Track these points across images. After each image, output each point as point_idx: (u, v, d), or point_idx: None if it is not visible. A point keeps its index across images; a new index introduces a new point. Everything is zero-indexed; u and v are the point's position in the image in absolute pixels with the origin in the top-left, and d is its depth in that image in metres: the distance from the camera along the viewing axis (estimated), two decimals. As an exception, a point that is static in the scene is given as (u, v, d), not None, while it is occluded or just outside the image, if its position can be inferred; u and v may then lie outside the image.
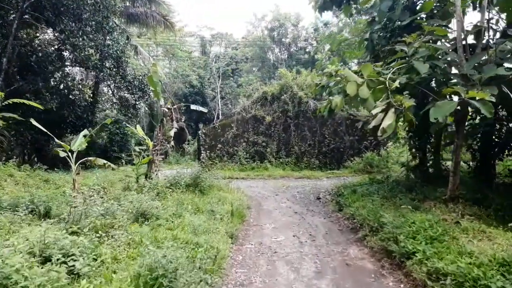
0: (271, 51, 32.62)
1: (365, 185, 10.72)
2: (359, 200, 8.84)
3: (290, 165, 18.10)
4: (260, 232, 7.41)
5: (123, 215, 6.59)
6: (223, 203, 8.89)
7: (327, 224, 8.00)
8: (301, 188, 13.26)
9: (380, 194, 8.90)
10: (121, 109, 18.67)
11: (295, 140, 18.58)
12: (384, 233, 5.88)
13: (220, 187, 10.79)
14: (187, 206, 8.47)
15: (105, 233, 5.30)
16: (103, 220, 5.72)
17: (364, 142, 17.73)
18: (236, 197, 9.87)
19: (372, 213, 7.15)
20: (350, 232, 7.29)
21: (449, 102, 5.83)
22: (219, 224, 6.93)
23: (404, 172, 10.23)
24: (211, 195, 9.70)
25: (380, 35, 9.31)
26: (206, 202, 8.82)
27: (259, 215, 8.98)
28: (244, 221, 8.15)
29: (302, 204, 10.38)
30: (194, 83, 29.13)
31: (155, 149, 11.46)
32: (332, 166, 17.90)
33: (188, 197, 9.30)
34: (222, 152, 18.71)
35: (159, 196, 9.59)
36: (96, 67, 16.56)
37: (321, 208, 9.73)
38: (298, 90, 18.86)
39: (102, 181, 10.83)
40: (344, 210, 8.78)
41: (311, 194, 11.83)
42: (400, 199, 8.06)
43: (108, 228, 5.56)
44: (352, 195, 9.56)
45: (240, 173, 17.20)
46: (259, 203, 10.61)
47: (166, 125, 11.72)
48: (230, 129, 18.81)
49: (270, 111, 18.97)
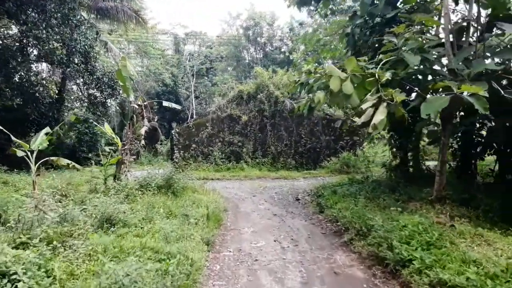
0: (247, 51, 32.03)
1: (345, 186, 10.32)
2: (341, 201, 8.40)
3: (267, 165, 17.57)
4: (238, 237, 6.78)
5: (85, 221, 5.80)
6: (198, 206, 8.20)
7: (309, 227, 7.48)
8: (278, 188, 12.73)
9: (362, 195, 8.49)
10: (89, 107, 17.48)
11: (272, 140, 18.07)
12: (373, 237, 5.40)
13: (194, 189, 10.06)
14: (158, 209, 7.74)
15: (61, 243, 4.50)
16: (60, 228, 4.91)
17: (340, 142, 17.47)
18: (211, 199, 9.18)
19: (357, 215, 6.69)
20: (334, 236, 6.79)
21: (441, 97, 5.43)
22: (194, 230, 6.24)
23: (385, 172, 9.90)
24: (185, 198, 8.98)
25: (362, 29, 8.92)
26: (179, 205, 8.10)
27: (237, 218, 8.35)
28: (221, 225, 7.48)
29: (281, 205, 9.84)
30: (167, 81, 28.05)
31: (124, 148, 10.58)
32: (308, 166, 17.51)
33: (159, 200, 8.54)
34: (196, 152, 17.92)
35: (128, 198, 8.81)
36: (62, 63, 15.39)
37: (301, 209, 9.22)
38: (275, 90, 18.37)
39: (66, 183, 9.86)
40: (325, 212, 8.30)
41: (290, 195, 11.32)
42: (384, 200, 7.68)
43: (65, 237, 4.75)
44: (333, 196, 9.11)
45: (216, 174, 16.49)
46: (236, 205, 9.97)
47: (136, 123, 10.86)
48: (205, 129, 18.05)
49: (246, 110, 18.37)
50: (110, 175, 10.90)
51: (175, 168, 16.61)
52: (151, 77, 28.80)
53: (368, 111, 5.50)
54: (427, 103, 5.46)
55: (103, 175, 10.73)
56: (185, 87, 29.98)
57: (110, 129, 11.32)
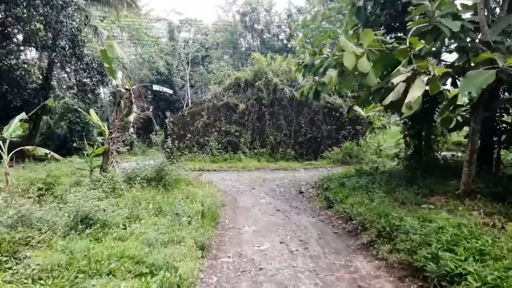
0: (243, 38, 30.66)
1: (353, 177, 9.30)
2: (352, 195, 7.39)
3: (265, 156, 16.52)
4: (238, 238, 5.75)
5: (55, 222, 4.76)
6: (192, 201, 7.16)
7: (318, 225, 6.47)
8: (279, 180, 11.72)
9: (376, 188, 7.49)
10: (77, 94, 16.24)
11: (270, 130, 17.00)
12: (402, 241, 4.40)
13: (188, 181, 9.01)
14: (147, 205, 6.70)
15: (11, 255, 3.45)
16: (14, 233, 3.85)
17: (342, 132, 16.43)
18: (207, 193, 8.14)
19: (376, 212, 5.69)
20: (349, 236, 5.79)
21: (484, 71, 4.38)
22: (186, 231, 5.21)
23: (398, 162, 8.89)
24: (178, 191, 7.94)
25: (375, 3, 7.82)
26: (171, 200, 7.07)
27: (236, 215, 7.32)
28: (218, 223, 6.44)
29: (284, 199, 8.83)
30: (161, 70, 26.72)
31: (111, 137, 9.47)
32: (309, 156, 16.49)
33: (149, 194, 7.51)
34: (192, 142, 16.82)
35: (114, 192, 7.77)
36: (47, 46, 14.12)
37: (306, 204, 8.21)
38: (273, 77, 17.24)
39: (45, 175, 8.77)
40: (335, 207, 7.28)
41: (292, 188, 10.30)
42: (402, 194, 6.68)
43: (18, 247, 3.69)
44: (342, 189, 8.10)
45: (212, 165, 15.44)
46: (235, 199, 8.95)
47: (124, 109, 9.72)
48: (200, 118, 16.92)
49: (244, 98, 17.25)
50: (96, 166, 9.85)
51: (169, 159, 15.59)
52: (145, 65, 27.45)
53: (399, 87, 4.43)
54: (467, 78, 4.42)
55: (89, 166, 9.69)
56: (180, 75, 28.67)
57: (96, 116, 10.20)
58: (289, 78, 17.48)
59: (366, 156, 15.33)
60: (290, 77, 17.47)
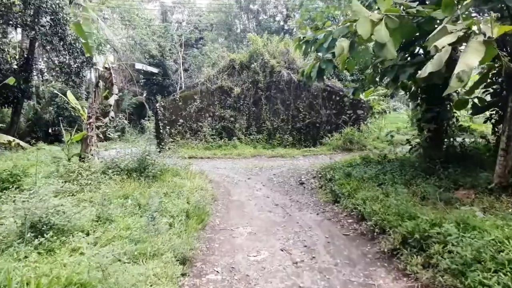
0: (238, 20, 29.00)
1: (359, 167, 8.23)
2: (361, 187, 6.32)
3: (262, 142, 15.39)
4: (230, 244, 4.67)
5: None
6: (178, 196, 6.06)
7: (325, 225, 5.40)
8: (277, 169, 10.63)
9: (388, 180, 6.43)
10: (60, 77, 14.88)
11: (267, 115, 15.82)
12: (440, 254, 3.33)
13: (176, 172, 7.87)
14: (124, 201, 5.62)
15: None
16: None
17: (342, 117, 15.27)
18: (196, 185, 7.04)
19: (396, 211, 4.62)
20: (363, 240, 4.73)
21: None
22: (166, 236, 4.12)
23: (413, 150, 7.79)
24: (163, 184, 6.83)
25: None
26: (153, 195, 5.95)
27: (229, 211, 6.23)
28: (207, 224, 5.33)
29: (283, 191, 7.76)
30: (153, 52, 25.20)
31: (89, 122, 8.29)
32: (307, 143, 15.38)
33: (129, 187, 6.41)
34: (184, 128, 15.62)
35: (90, 185, 6.68)
36: (25, 24, 12.74)
37: (309, 197, 7.14)
38: (270, 58, 15.94)
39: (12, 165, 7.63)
40: (342, 202, 6.21)
41: (291, 178, 9.22)
42: (421, 187, 5.62)
43: None
44: (348, 180, 7.03)
45: (205, 152, 14.31)
46: (228, 191, 7.86)
47: (104, 91, 8.51)
48: (193, 102, 15.68)
49: (239, 81, 16.00)
50: (74, 155, 8.71)
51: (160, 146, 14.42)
52: (136, 47, 25.91)
53: (442, 52, 3.27)
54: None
55: (66, 155, 8.56)
56: (173, 59, 27.16)
57: (74, 98, 9.01)
58: (287, 59, 16.21)
59: (367, 142, 14.30)
60: (288, 59, 16.20)
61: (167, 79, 26.53)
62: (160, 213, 5.08)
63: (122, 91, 24.43)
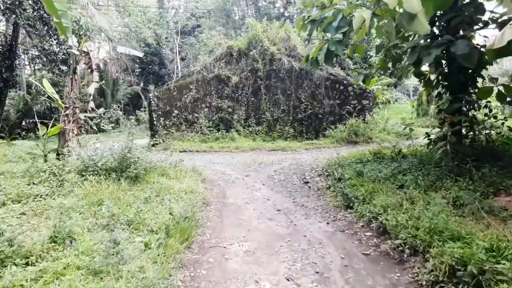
0: (237, 6, 27.47)
1: (370, 163, 7.17)
2: (378, 190, 5.27)
3: (261, 134, 14.31)
4: (221, 270, 3.61)
5: None
6: (161, 202, 5.03)
7: (338, 239, 4.36)
8: (277, 164, 9.58)
9: (409, 181, 5.37)
10: (45, 65, 13.69)
11: (267, 105, 14.70)
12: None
13: (164, 170, 6.80)
14: (96, 211, 4.59)
15: None
16: None
17: (346, 107, 14.15)
18: (186, 187, 5.98)
19: (430, 225, 3.59)
20: (389, 262, 3.69)
21: None
22: (135, 265, 3.09)
23: (441, 146, 6.70)
24: (146, 186, 5.78)
25: None
26: (131, 201, 4.92)
27: (222, 220, 5.18)
28: (194, 240, 4.27)
29: (285, 192, 6.71)
30: (149, 41, 23.87)
31: (66, 113, 7.20)
32: (309, 135, 14.30)
33: (106, 191, 5.36)
34: (179, 119, 14.51)
35: (63, 188, 5.65)
36: (6, 8, 11.54)
37: (315, 200, 6.09)
38: (270, 45, 14.75)
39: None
40: (356, 208, 5.17)
41: (294, 175, 8.18)
42: (456, 193, 4.57)
43: None
44: (360, 181, 5.98)
45: (202, 145, 13.24)
46: (223, 192, 6.82)
47: (82, 78, 7.40)
48: (188, 92, 14.54)
49: (237, 70, 14.84)
50: (52, 151, 7.66)
51: (154, 138, 13.34)
52: (131, 36, 24.57)
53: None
54: None
55: (42, 151, 7.53)
56: (170, 47, 25.83)
57: (50, 87, 7.90)
58: (288, 46, 15.02)
59: (373, 134, 13.23)
60: (289, 45, 15.01)
61: (163, 68, 25.25)
62: (136, 227, 4.05)
63: (117, 81, 23.24)
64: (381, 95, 19.03)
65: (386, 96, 19.71)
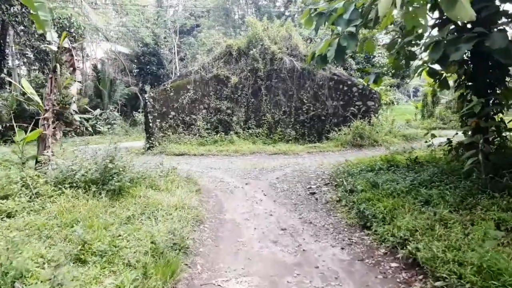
0: (236, 5, 26.54)
1: (384, 172, 6.35)
2: (399, 207, 4.45)
3: (262, 137, 13.47)
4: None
5: None
6: (145, 222, 4.19)
7: (358, 272, 3.51)
8: (279, 170, 8.75)
9: (435, 196, 4.54)
10: (32, 64, 12.83)
11: (267, 107, 13.86)
12: None
13: (152, 181, 5.94)
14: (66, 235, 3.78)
15: None
16: None
17: (350, 108, 13.31)
18: (177, 202, 5.12)
19: (477, 261, 2.76)
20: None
21: None
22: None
23: (470, 155, 5.86)
24: (131, 201, 4.94)
25: None
26: (109, 222, 4.09)
27: (218, 242, 4.33)
28: (179, 280, 3.40)
29: (290, 204, 5.88)
30: (147, 40, 22.99)
31: (44, 116, 6.36)
32: (312, 137, 13.47)
33: (83, 208, 4.53)
34: (176, 121, 13.67)
35: (35, 202, 4.83)
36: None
37: (325, 216, 5.25)
38: (271, 44, 13.92)
39: None
40: (375, 228, 4.32)
41: (298, 183, 7.34)
42: (497, 214, 3.74)
43: None
44: (376, 193, 5.16)
45: (199, 148, 12.40)
46: (220, 204, 5.98)
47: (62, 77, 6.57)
48: (186, 93, 13.70)
49: (236, 70, 14.00)
50: (30, 158, 6.80)
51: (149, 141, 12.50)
52: (128, 35, 23.69)
53: None
54: None
55: (20, 158, 6.66)
56: (168, 48, 24.96)
57: (28, 87, 7.06)
58: (289, 45, 14.20)
59: (379, 137, 12.40)
60: (291, 45, 14.19)
61: (162, 68, 24.37)
62: (110, 260, 3.21)
63: (114, 81, 22.38)
64: (385, 96, 18.19)
65: (389, 97, 18.87)
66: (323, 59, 5.97)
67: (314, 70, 13.41)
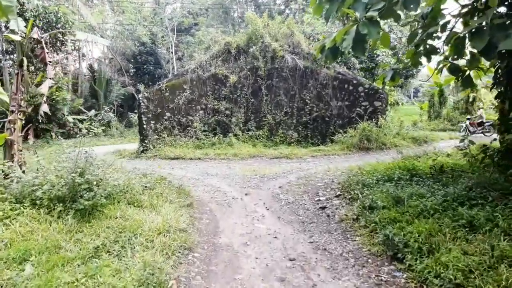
0: (236, 3, 25.51)
1: (405, 184, 5.36)
2: (438, 232, 3.47)
3: (262, 139, 12.49)
4: None
5: None
6: (121, 252, 3.21)
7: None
8: (283, 177, 7.78)
9: (483, 218, 3.56)
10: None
11: (268, 107, 12.89)
12: None
13: (134, 196, 4.93)
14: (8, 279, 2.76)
15: None
16: None
17: (356, 109, 12.34)
18: (161, 223, 4.13)
19: None
20: None
21: None
22: None
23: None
24: (105, 223, 3.95)
25: None
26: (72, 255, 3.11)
27: (209, 280, 3.33)
28: None
29: (297, 222, 4.90)
30: (144, 39, 21.96)
31: (9, 119, 5.37)
32: (315, 140, 12.50)
33: (44, 234, 3.55)
34: (172, 123, 12.68)
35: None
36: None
37: (341, 240, 4.26)
38: (271, 41, 12.95)
39: None
40: (411, 263, 3.33)
41: (305, 194, 6.36)
42: None
43: None
44: (402, 212, 4.19)
45: (196, 152, 11.43)
46: (215, 221, 4.99)
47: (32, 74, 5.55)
48: (182, 92, 12.72)
49: (235, 68, 13.02)
50: (-3, 166, 5.77)
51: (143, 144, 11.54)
52: (125, 34, 22.66)
53: None
54: None
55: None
56: (166, 47, 23.94)
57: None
58: (291, 43, 13.23)
59: (387, 139, 11.43)
60: (293, 42, 13.21)
61: (159, 68, 23.36)
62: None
63: (110, 81, 21.36)
64: (390, 96, 17.24)
65: (394, 97, 17.92)
66: (335, 52, 5.01)
67: (317, 69, 12.45)
